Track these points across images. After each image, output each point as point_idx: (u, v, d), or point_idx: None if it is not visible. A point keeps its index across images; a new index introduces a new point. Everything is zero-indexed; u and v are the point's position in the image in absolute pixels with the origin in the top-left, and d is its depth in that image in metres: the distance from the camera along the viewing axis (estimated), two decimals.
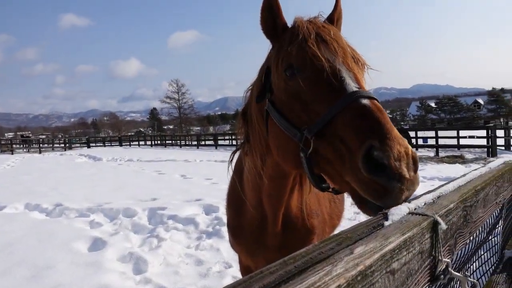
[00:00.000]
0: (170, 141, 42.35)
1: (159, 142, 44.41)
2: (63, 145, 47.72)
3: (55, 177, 14.85)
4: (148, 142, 45.33)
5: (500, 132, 20.95)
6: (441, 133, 21.12)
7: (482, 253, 2.41)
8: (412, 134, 23.64)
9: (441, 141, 20.50)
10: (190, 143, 40.68)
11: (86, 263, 4.82)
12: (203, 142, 38.97)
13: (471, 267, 2.22)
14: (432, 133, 21.92)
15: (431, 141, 22.05)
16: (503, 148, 19.91)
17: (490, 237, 2.48)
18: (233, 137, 36.42)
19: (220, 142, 36.78)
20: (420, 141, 23.64)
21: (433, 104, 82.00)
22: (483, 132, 19.23)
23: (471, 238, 1.69)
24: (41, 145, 44.02)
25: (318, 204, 2.11)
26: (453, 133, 21.38)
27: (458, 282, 1.41)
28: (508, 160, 2.22)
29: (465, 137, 20.79)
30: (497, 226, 2.61)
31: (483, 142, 19.06)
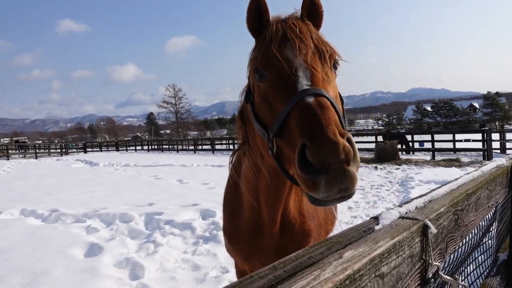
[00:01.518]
0: (167, 146, 42.28)
1: (156, 146, 44.32)
2: (59, 150, 47.52)
3: (51, 182, 14.78)
4: (145, 147, 45.20)
5: (495, 136, 21.11)
6: (437, 136, 21.24)
7: (477, 255, 2.43)
8: (408, 137, 23.77)
9: (437, 145, 20.61)
10: (187, 147, 40.63)
11: (82, 269, 4.79)
12: (200, 147, 38.91)
13: (466, 269, 2.23)
14: (428, 137, 22.05)
15: (428, 145, 22.15)
16: (498, 151, 20.03)
17: (484, 240, 2.49)
18: (230, 142, 36.41)
19: (217, 147, 36.78)
20: (417, 145, 23.75)
21: (429, 108, 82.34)
22: (478, 136, 19.37)
23: (464, 241, 1.71)
24: (37, 150, 43.85)
25: (313, 207, 2.12)
26: (449, 136, 21.53)
27: (450, 286, 1.42)
28: (500, 164, 2.24)
29: (461, 141, 20.93)
30: (491, 229, 2.63)
31: (479, 145, 19.18)
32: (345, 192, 1.10)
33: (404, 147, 22.76)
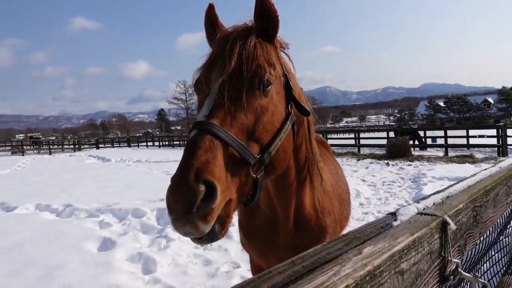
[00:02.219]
0: (178, 142, 42.56)
1: (167, 143, 44.67)
2: (72, 146, 48.26)
3: (65, 178, 15.02)
4: (156, 143, 45.63)
5: (510, 131, 20.66)
6: (450, 132, 20.90)
7: (493, 253, 2.38)
8: (421, 133, 23.47)
9: (450, 141, 20.28)
10: None
11: (96, 263, 4.87)
12: None
13: (482, 267, 2.19)
14: (441, 133, 21.70)
15: (440, 141, 21.83)
16: None
17: (501, 238, 2.45)
18: None
19: None
20: (429, 141, 23.43)
21: (442, 103, 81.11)
22: (493, 131, 18.96)
23: (482, 238, 1.68)
24: (51, 146, 44.57)
25: (330, 203, 2.10)
26: (463, 132, 21.15)
27: (468, 283, 1.40)
28: None
29: (474, 137, 20.54)
30: (508, 226, 2.58)
31: (493, 141, 18.78)
32: (192, 236, 1.12)
33: (417, 142, 22.47)
